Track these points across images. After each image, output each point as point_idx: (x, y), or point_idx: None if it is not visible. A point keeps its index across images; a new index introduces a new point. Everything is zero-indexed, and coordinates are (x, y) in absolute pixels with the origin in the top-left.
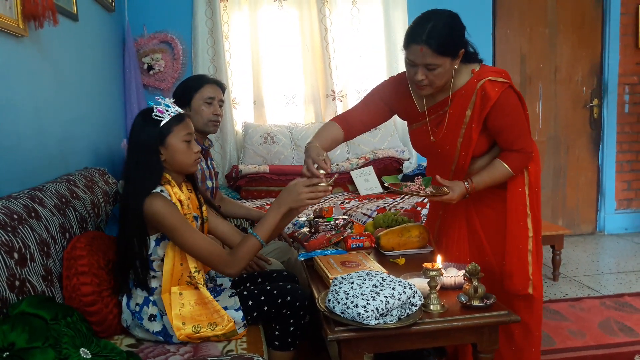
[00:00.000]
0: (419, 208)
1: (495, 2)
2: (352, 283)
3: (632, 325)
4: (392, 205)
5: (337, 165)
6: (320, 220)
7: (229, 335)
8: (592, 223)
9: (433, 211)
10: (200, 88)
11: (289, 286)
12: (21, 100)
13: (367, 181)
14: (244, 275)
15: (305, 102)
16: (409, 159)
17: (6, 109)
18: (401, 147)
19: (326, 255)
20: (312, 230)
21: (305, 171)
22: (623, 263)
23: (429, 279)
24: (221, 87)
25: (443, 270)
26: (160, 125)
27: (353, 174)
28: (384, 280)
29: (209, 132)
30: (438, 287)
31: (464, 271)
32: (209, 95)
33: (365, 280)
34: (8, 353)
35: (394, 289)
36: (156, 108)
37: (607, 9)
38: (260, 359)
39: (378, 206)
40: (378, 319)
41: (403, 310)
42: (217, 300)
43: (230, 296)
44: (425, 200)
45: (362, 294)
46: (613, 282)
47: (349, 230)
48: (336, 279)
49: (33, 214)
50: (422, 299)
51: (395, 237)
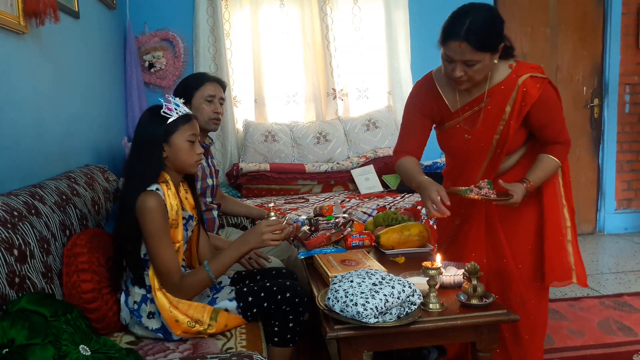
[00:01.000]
0: (419, 207)
1: (496, 1)
2: (351, 281)
3: (631, 324)
4: (392, 204)
5: (337, 163)
6: (321, 218)
7: (214, 316)
8: (592, 223)
9: (454, 209)
10: (201, 86)
11: (288, 283)
12: (22, 98)
13: (367, 180)
14: (243, 273)
15: (306, 101)
16: None
17: (7, 106)
18: None
19: (326, 254)
20: (312, 228)
21: (437, 202)
22: (622, 263)
23: (428, 278)
24: (222, 85)
25: (442, 269)
26: (167, 122)
27: (353, 172)
28: (383, 278)
29: (210, 129)
30: (437, 286)
31: (463, 270)
32: (210, 93)
33: (364, 278)
34: (7, 349)
35: (393, 287)
36: (165, 105)
37: (608, 9)
38: (260, 356)
39: (378, 205)
40: (377, 318)
41: (402, 309)
42: (216, 298)
43: (229, 293)
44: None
45: (362, 293)
46: (612, 282)
47: (349, 229)
48: (336, 277)
49: (33, 211)
50: (421, 297)
51: (395, 236)
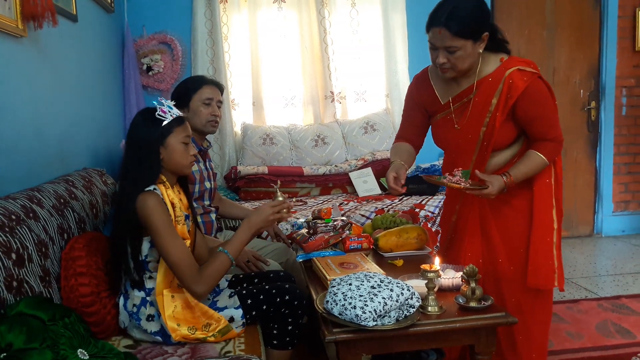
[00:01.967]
0: (417, 210)
1: (494, 3)
2: (350, 284)
3: (629, 327)
4: (390, 206)
5: (335, 166)
6: (319, 221)
7: (224, 332)
8: (589, 225)
9: (449, 207)
10: (199, 89)
11: (287, 285)
12: (20, 101)
13: (365, 182)
14: (240, 276)
15: (304, 104)
16: None
17: (5, 110)
18: None
19: (324, 257)
20: (311, 231)
21: (390, 181)
22: (620, 265)
23: (426, 281)
24: (220, 87)
25: (441, 272)
26: (162, 125)
27: (352, 175)
28: (382, 281)
29: (208, 132)
30: (436, 289)
31: (461, 273)
32: (208, 96)
33: (363, 281)
34: (5, 354)
35: (392, 290)
36: (159, 108)
37: (605, 12)
38: None
39: (376, 207)
40: (376, 320)
41: (401, 312)
42: (216, 301)
43: (230, 296)
44: (437, 191)
45: (360, 296)
46: (610, 284)
47: (348, 232)
48: (334, 280)
49: (31, 215)
50: (420, 300)
51: (393, 239)
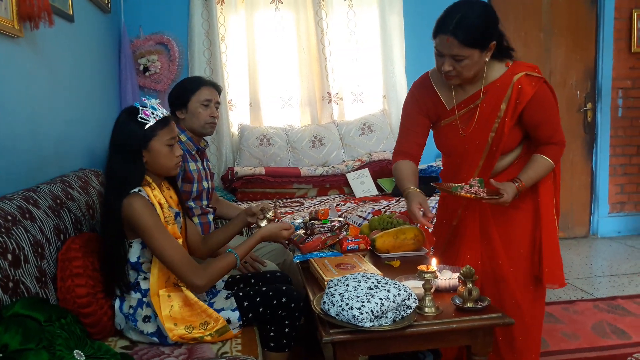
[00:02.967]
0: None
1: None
2: (347, 285)
3: (624, 327)
4: (387, 207)
5: (332, 167)
6: (316, 222)
7: (222, 332)
8: (585, 226)
9: (449, 211)
10: (197, 90)
11: (284, 287)
12: (16, 102)
13: (362, 183)
14: (237, 277)
15: (301, 105)
16: None
17: (1, 110)
18: None
19: (321, 258)
20: (308, 232)
21: (419, 217)
22: (616, 266)
23: (423, 282)
24: (217, 89)
25: (438, 273)
26: (145, 128)
27: (349, 176)
28: (379, 282)
29: (206, 133)
30: (433, 290)
31: (458, 274)
32: (206, 97)
33: (360, 282)
34: (1, 355)
35: (388, 291)
36: (142, 110)
37: (601, 14)
38: None
39: (373, 208)
40: (373, 321)
41: (398, 313)
42: (212, 302)
43: (227, 298)
44: (434, 192)
45: (357, 296)
46: (606, 285)
47: (345, 233)
48: (331, 281)
49: (27, 215)
50: (417, 301)
51: (390, 240)
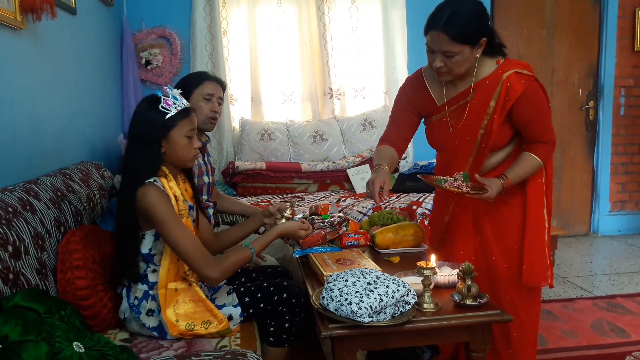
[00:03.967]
0: (414, 207)
1: (493, 3)
2: (346, 280)
3: (623, 326)
4: (387, 203)
5: (333, 163)
6: (316, 217)
7: (222, 333)
8: (586, 224)
9: (442, 207)
10: (200, 84)
11: (285, 283)
12: (18, 94)
13: (363, 179)
14: (238, 271)
15: (302, 100)
16: (405, 157)
17: (2, 102)
18: None
19: (321, 253)
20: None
21: (375, 191)
22: (616, 264)
23: (422, 278)
24: (222, 85)
25: (437, 269)
26: (166, 118)
27: (349, 172)
28: (378, 278)
29: (206, 129)
30: (432, 286)
31: (457, 270)
32: (209, 92)
33: (359, 277)
34: (1, 346)
35: (387, 286)
36: (164, 100)
37: (605, 12)
38: (254, 354)
39: (374, 204)
40: (372, 317)
41: (397, 308)
42: (214, 298)
43: (228, 293)
44: (434, 189)
45: (356, 292)
46: (606, 284)
47: (345, 228)
48: (331, 276)
49: (28, 207)
50: (416, 297)
51: (390, 236)
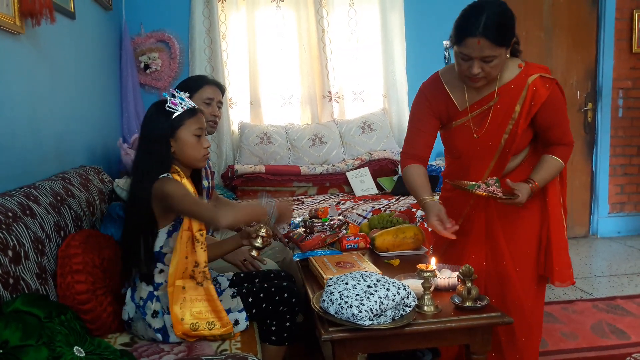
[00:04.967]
0: (413, 209)
1: None
2: (346, 283)
3: (623, 327)
4: (387, 206)
5: (332, 166)
6: (316, 220)
7: (225, 337)
8: (585, 226)
9: (456, 210)
10: (199, 88)
11: (285, 284)
12: (17, 98)
13: (362, 182)
14: (242, 275)
15: (301, 103)
16: None
17: (2, 107)
18: (397, 148)
19: (321, 256)
20: (308, 230)
21: (440, 230)
22: (615, 266)
23: (423, 280)
24: (221, 88)
25: (437, 272)
26: (172, 117)
27: (349, 175)
28: (378, 281)
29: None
30: (432, 289)
31: (457, 273)
32: (208, 96)
33: (359, 280)
34: (1, 351)
35: (388, 289)
36: (170, 100)
37: (602, 14)
38: (255, 358)
39: (373, 207)
40: (372, 320)
41: (397, 311)
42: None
43: (233, 297)
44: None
45: (357, 295)
46: (605, 285)
47: (344, 231)
48: (331, 279)
49: (28, 212)
50: (416, 300)
51: (390, 238)
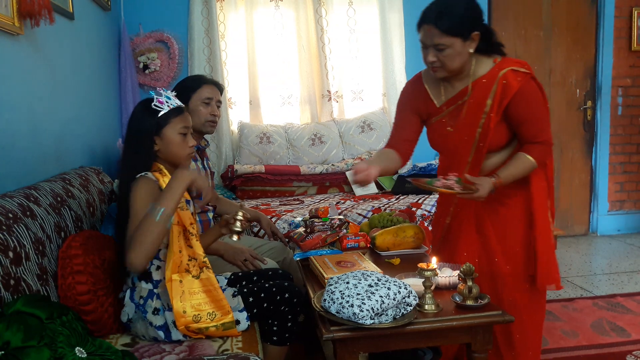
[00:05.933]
0: (414, 209)
1: (490, 4)
2: (347, 283)
3: (623, 325)
4: (387, 205)
5: (332, 165)
6: (316, 220)
7: (227, 326)
8: (585, 224)
9: (443, 208)
10: (198, 88)
11: (286, 284)
12: (16, 99)
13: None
14: (239, 274)
15: (301, 103)
16: None
17: (1, 108)
18: None
19: (322, 255)
20: (308, 230)
21: (358, 166)
22: (615, 264)
23: (423, 279)
24: (219, 88)
25: (438, 271)
26: (158, 115)
27: (348, 174)
28: (379, 280)
29: (206, 132)
30: (433, 287)
31: (458, 271)
32: (207, 95)
33: (360, 280)
34: (3, 352)
35: (389, 288)
36: (156, 98)
37: (602, 12)
38: (257, 357)
39: (373, 206)
40: (373, 319)
41: (398, 310)
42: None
43: (234, 296)
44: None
45: (358, 294)
46: (605, 283)
47: (345, 231)
48: (332, 278)
49: (28, 213)
50: (417, 298)
51: (390, 238)
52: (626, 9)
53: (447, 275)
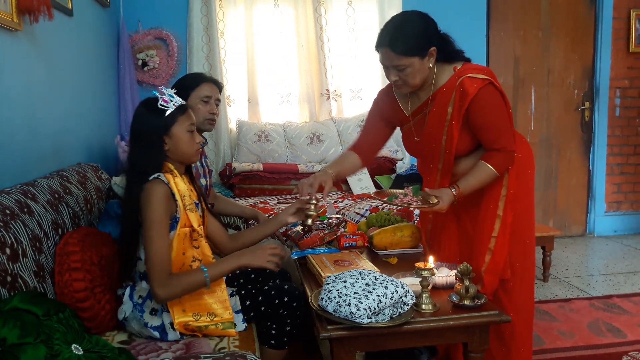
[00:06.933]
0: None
1: (489, 4)
2: (344, 282)
3: (619, 326)
4: (385, 204)
5: None
6: None
7: (226, 326)
8: (582, 225)
9: (424, 214)
10: (197, 86)
11: (286, 286)
12: (14, 95)
13: (360, 181)
14: (237, 272)
15: (299, 101)
16: (402, 159)
17: None
18: (395, 147)
19: (319, 254)
20: (306, 228)
21: (300, 188)
22: (612, 265)
23: (421, 279)
24: (218, 86)
25: (435, 270)
26: (165, 115)
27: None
28: (376, 279)
29: (205, 130)
30: (430, 287)
31: (455, 271)
32: (206, 93)
33: (358, 279)
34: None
35: (386, 288)
36: (161, 98)
37: (600, 13)
38: (254, 356)
39: (371, 205)
40: (370, 318)
41: (395, 309)
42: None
43: (231, 296)
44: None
45: (355, 293)
46: (602, 284)
47: (342, 229)
48: (329, 277)
49: (25, 210)
50: (414, 298)
51: (388, 237)
52: (624, 11)
53: (445, 275)
